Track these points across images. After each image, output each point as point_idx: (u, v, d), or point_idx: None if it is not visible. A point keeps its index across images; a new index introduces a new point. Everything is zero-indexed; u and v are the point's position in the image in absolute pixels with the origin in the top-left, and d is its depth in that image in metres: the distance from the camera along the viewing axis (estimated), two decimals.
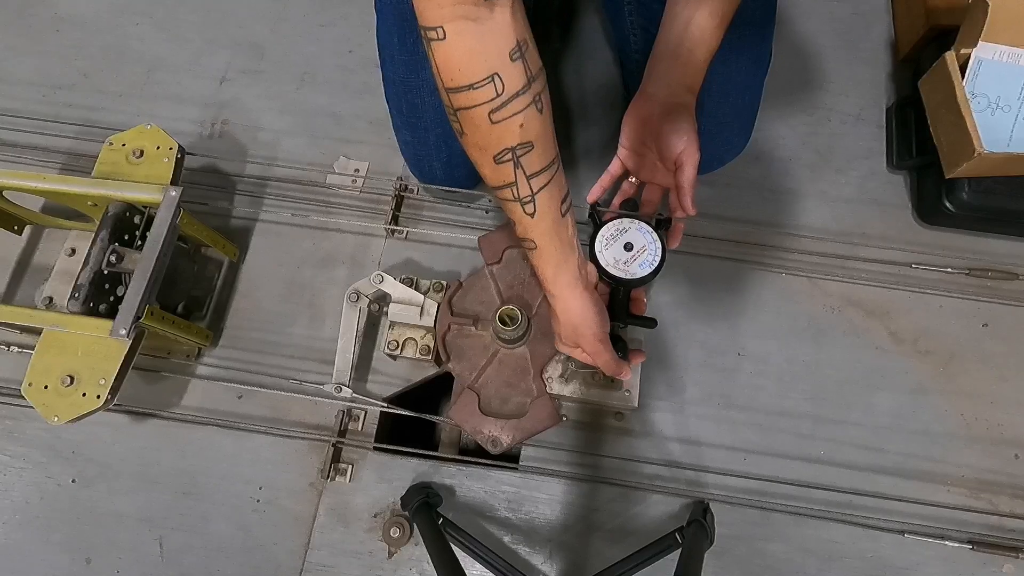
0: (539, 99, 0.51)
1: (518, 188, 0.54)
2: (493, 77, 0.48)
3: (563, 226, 0.58)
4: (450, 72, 0.48)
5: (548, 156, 0.54)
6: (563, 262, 0.59)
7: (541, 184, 0.54)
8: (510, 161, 0.52)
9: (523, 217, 0.56)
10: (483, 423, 0.73)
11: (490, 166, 0.53)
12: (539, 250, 0.58)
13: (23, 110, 1.00)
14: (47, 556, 0.78)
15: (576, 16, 1.06)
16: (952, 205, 0.86)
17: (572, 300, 0.61)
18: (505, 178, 0.53)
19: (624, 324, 0.67)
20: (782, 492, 0.79)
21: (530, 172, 0.53)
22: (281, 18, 1.07)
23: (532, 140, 0.52)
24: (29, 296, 0.88)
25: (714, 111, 0.79)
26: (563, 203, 0.57)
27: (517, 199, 0.54)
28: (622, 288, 0.67)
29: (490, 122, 0.50)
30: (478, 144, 0.52)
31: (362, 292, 0.78)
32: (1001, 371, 0.84)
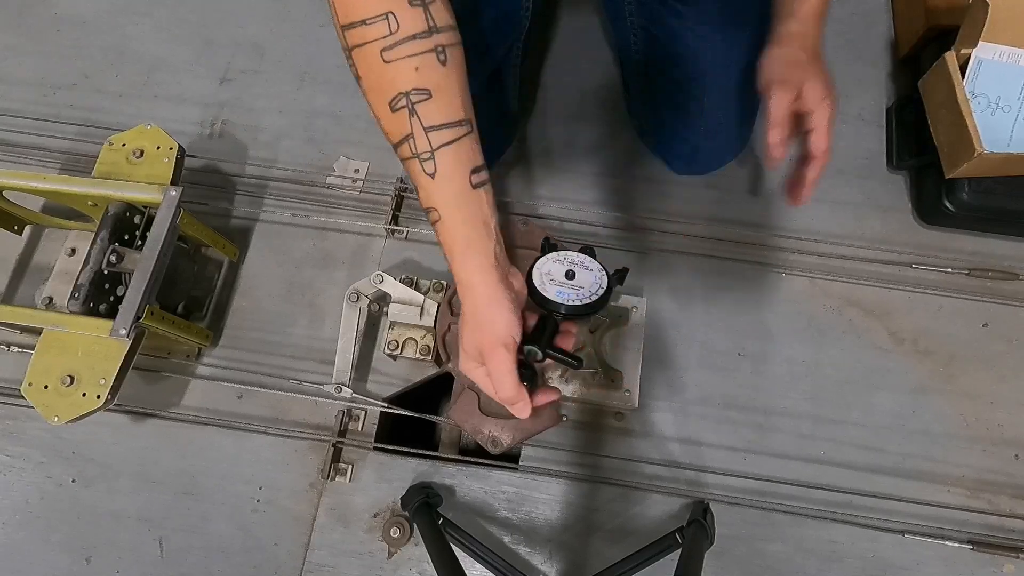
0: (442, 51, 0.49)
1: (415, 141, 0.49)
2: (387, 15, 0.47)
3: (474, 200, 0.51)
4: (344, 7, 0.48)
5: (453, 113, 0.50)
6: (474, 241, 0.51)
7: (443, 140, 0.49)
8: (405, 108, 0.49)
9: (423, 178, 0.50)
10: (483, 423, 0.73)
11: (387, 115, 0.50)
12: (443, 222, 0.51)
13: (23, 110, 1.00)
14: (47, 556, 0.78)
15: (576, 16, 1.06)
16: (952, 205, 0.86)
17: (482, 288, 0.51)
18: (402, 129, 0.49)
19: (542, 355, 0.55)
20: (782, 492, 0.79)
21: (428, 124, 0.49)
22: (281, 18, 1.07)
23: (430, 88, 0.49)
24: (29, 296, 0.88)
25: (714, 111, 0.79)
26: (474, 173, 0.51)
27: (415, 154, 0.50)
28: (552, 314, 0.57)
29: (382, 61, 0.48)
30: (373, 87, 0.50)
31: (362, 292, 0.78)
32: (1001, 371, 0.84)
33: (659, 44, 0.80)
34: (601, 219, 0.91)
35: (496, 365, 0.52)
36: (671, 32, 0.77)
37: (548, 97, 1.01)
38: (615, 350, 0.79)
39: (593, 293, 0.57)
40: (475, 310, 0.52)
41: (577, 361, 0.57)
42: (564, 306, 0.55)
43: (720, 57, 0.75)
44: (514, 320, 0.52)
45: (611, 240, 0.90)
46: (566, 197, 0.93)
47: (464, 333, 0.54)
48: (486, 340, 0.52)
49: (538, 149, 0.97)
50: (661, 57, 0.81)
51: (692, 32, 0.76)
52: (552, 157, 0.96)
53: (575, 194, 0.94)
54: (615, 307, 0.80)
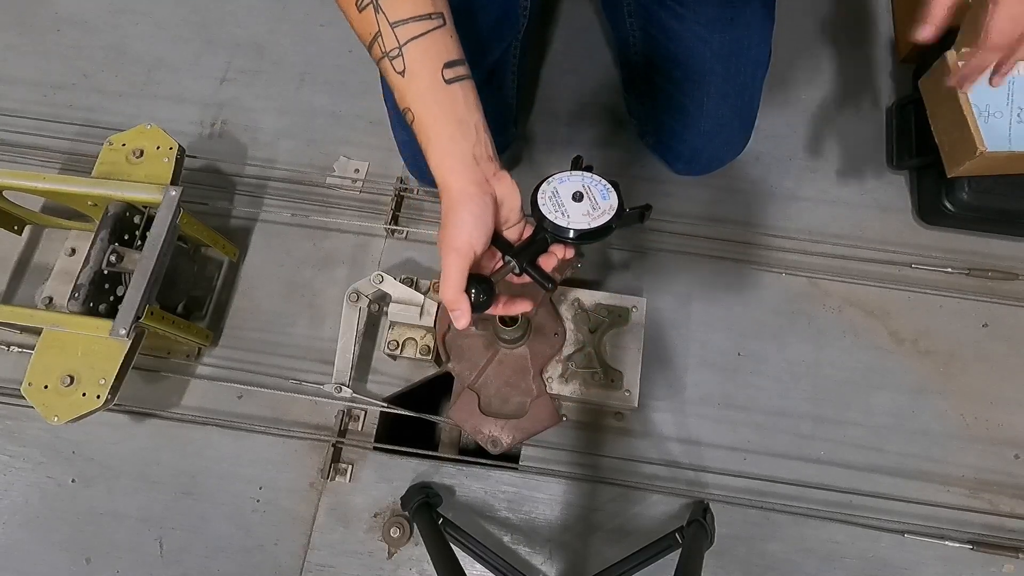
0: None
1: (383, 38, 0.48)
2: None
3: (447, 95, 0.49)
4: None
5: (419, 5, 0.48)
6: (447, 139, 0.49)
7: (410, 35, 0.48)
8: (370, 5, 0.47)
9: (395, 78, 0.48)
10: (483, 423, 0.73)
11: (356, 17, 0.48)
12: (417, 120, 0.49)
13: (23, 110, 1.00)
14: (47, 556, 0.78)
15: (576, 16, 1.06)
16: (952, 205, 0.86)
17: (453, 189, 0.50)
18: (370, 28, 0.48)
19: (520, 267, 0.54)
20: (782, 492, 0.79)
21: (393, 18, 0.47)
22: (281, 18, 1.07)
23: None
24: (29, 296, 0.88)
25: (713, 112, 0.79)
26: (447, 68, 0.49)
27: (384, 53, 0.48)
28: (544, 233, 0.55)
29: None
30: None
31: (362, 292, 0.78)
32: (1001, 371, 0.84)
33: (658, 45, 0.80)
34: None
35: (444, 267, 0.50)
36: (669, 33, 0.78)
37: (548, 97, 1.01)
38: (615, 350, 0.79)
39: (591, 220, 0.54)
40: (445, 212, 0.51)
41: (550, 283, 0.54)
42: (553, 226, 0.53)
43: (719, 58, 0.75)
44: (474, 228, 0.50)
45: (611, 240, 0.89)
46: None
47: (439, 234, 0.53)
48: (444, 240, 0.51)
49: (538, 149, 0.97)
50: (660, 58, 0.81)
51: (691, 33, 0.76)
52: (552, 157, 0.96)
53: None
54: (615, 307, 0.80)
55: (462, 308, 0.51)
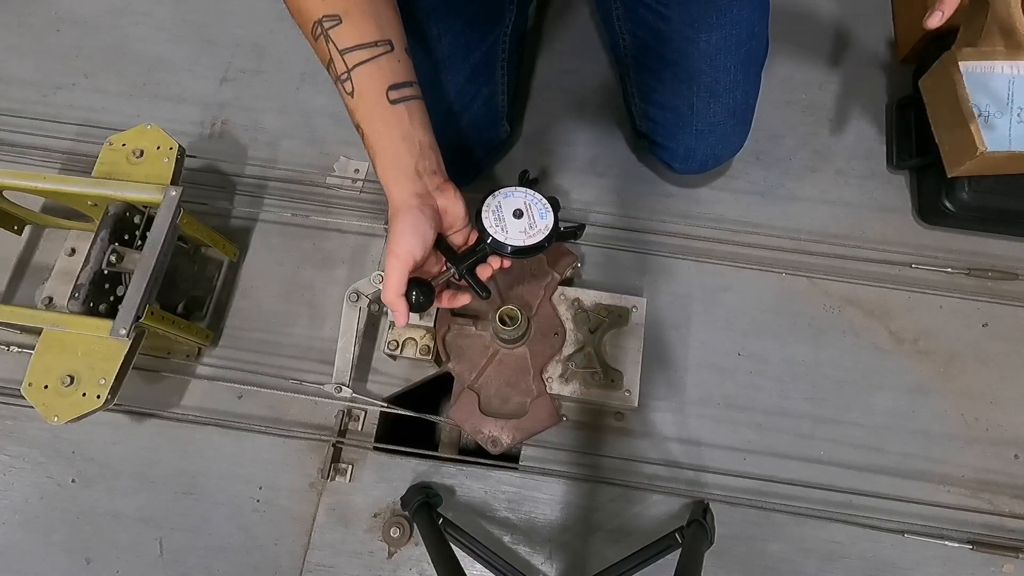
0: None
1: (334, 64, 0.54)
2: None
3: (391, 115, 0.54)
4: None
5: (365, 34, 0.53)
6: (391, 155, 0.55)
7: (357, 60, 0.53)
8: (321, 36, 0.53)
9: (346, 99, 0.54)
10: (483, 423, 0.73)
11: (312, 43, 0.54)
12: (366, 138, 0.55)
13: (23, 110, 1.00)
14: (47, 556, 0.78)
15: (576, 17, 1.06)
16: (952, 205, 0.86)
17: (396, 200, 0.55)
18: (323, 55, 0.54)
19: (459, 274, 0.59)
20: (782, 492, 0.79)
21: (342, 46, 0.53)
22: (281, 18, 1.07)
23: (339, 13, 0.52)
24: (29, 296, 0.88)
25: (704, 111, 0.79)
26: (392, 90, 0.54)
27: (336, 78, 0.54)
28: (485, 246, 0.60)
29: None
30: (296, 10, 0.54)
31: (362, 292, 0.78)
32: (1001, 371, 0.84)
33: (646, 46, 0.80)
34: (601, 219, 0.91)
35: (386, 270, 0.56)
36: (657, 34, 0.78)
37: (548, 97, 1.01)
38: (615, 350, 0.79)
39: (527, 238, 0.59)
40: (389, 218, 0.56)
41: (485, 292, 0.60)
42: (492, 241, 0.59)
43: (706, 58, 0.75)
44: (412, 236, 0.55)
45: (611, 240, 0.90)
46: (566, 197, 0.93)
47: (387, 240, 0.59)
48: (388, 246, 0.56)
49: (538, 149, 0.97)
50: (649, 59, 0.81)
51: (677, 34, 0.76)
52: (552, 157, 0.96)
53: (575, 194, 0.94)
54: (615, 307, 0.80)
55: (400, 309, 0.56)
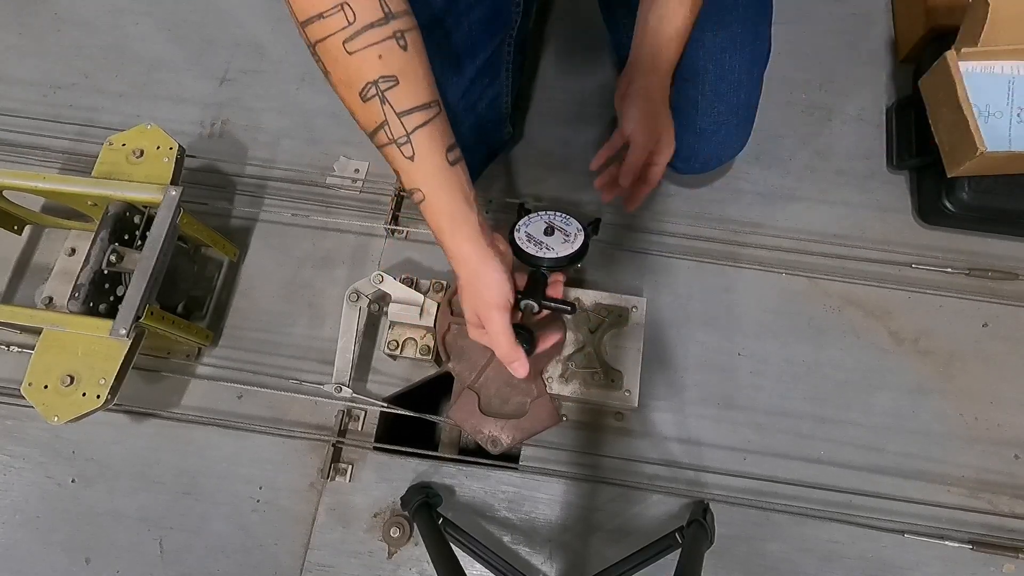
0: (401, 36, 0.50)
1: (390, 127, 0.51)
2: (342, 6, 0.48)
3: (453, 176, 0.54)
4: (300, 3, 0.49)
5: (421, 96, 0.52)
6: (459, 214, 0.54)
7: (416, 123, 0.51)
8: (375, 96, 0.51)
9: (403, 162, 0.52)
10: (483, 423, 0.73)
11: (359, 106, 0.51)
12: (428, 201, 0.54)
13: (23, 110, 1.00)
14: (47, 556, 0.78)
15: (576, 16, 1.06)
16: (952, 205, 0.86)
17: (475, 258, 0.55)
18: (375, 117, 0.51)
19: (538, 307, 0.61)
20: (782, 492, 0.79)
21: (400, 109, 0.51)
22: (281, 18, 1.07)
23: (395, 74, 0.50)
24: (29, 296, 0.88)
25: (708, 110, 0.79)
26: (449, 151, 0.54)
27: (392, 140, 0.52)
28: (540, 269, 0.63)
29: (346, 52, 0.49)
30: (342, 80, 0.51)
31: (362, 292, 0.78)
32: (1001, 371, 0.84)
33: None
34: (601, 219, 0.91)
35: (492, 327, 0.56)
36: None
37: (548, 97, 1.01)
38: (615, 350, 0.79)
39: (570, 246, 0.63)
40: (469, 279, 0.56)
41: (571, 307, 0.62)
42: (548, 259, 0.61)
43: (712, 58, 0.75)
44: (505, 283, 0.56)
45: (611, 240, 0.90)
46: (566, 197, 0.93)
47: (463, 302, 0.59)
48: (481, 305, 0.56)
49: (538, 149, 0.97)
50: None
51: None
52: (552, 157, 0.96)
53: (575, 194, 0.94)
54: (615, 307, 0.80)
55: (520, 358, 0.58)
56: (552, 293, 0.63)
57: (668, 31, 0.69)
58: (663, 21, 0.69)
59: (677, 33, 0.69)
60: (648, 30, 0.70)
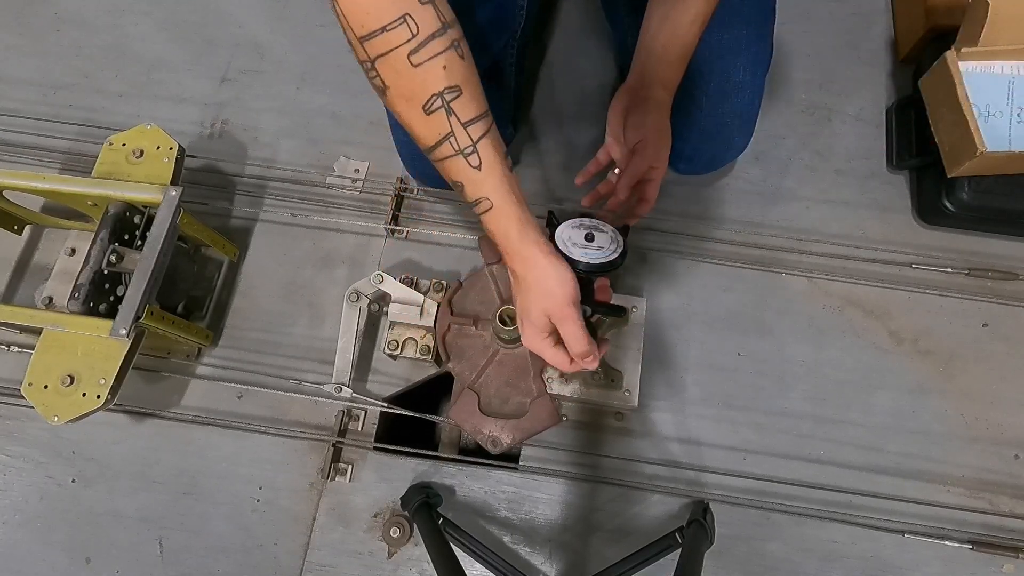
0: (458, 45, 0.50)
1: (456, 138, 0.51)
2: (405, 17, 0.47)
3: (514, 181, 0.54)
4: (359, 17, 0.47)
5: (480, 105, 0.52)
6: (525, 219, 0.55)
7: (480, 132, 0.51)
8: (441, 108, 0.50)
9: (470, 172, 0.52)
10: (483, 423, 0.73)
11: (421, 120, 0.50)
12: (496, 208, 0.54)
13: (23, 110, 1.00)
14: (47, 556, 0.78)
15: (576, 16, 1.06)
16: (952, 205, 0.86)
17: (544, 259, 0.55)
18: (440, 129, 0.51)
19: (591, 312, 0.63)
20: (782, 492, 0.79)
21: (465, 119, 0.50)
22: (281, 18, 1.07)
23: (459, 84, 0.50)
24: (29, 296, 0.88)
25: (713, 111, 0.79)
26: (507, 158, 0.54)
27: (458, 151, 0.51)
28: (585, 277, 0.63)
29: (411, 65, 0.48)
30: (404, 95, 0.50)
31: (362, 292, 0.78)
32: (1001, 371, 0.84)
33: None
34: None
35: (569, 324, 0.56)
36: None
37: (548, 97, 1.01)
38: (615, 350, 0.79)
39: (614, 249, 0.62)
40: (539, 280, 0.56)
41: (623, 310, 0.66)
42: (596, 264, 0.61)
43: (716, 57, 0.75)
44: (572, 280, 0.56)
45: None
46: (566, 197, 0.93)
47: (530, 304, 0.58)
48: (556, 304, 0.56)
49: (538, 149, 0.97)
50: None
51: None
52: (552, 157, 0.96)
53: (575, 194, 0.94)
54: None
55: (596, 352, 0.58)
56: (601, 298, 0.64)
57: (678, 50, 0.69)
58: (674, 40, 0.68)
59: (687, 51, 0.69)
60: (657, 47, 0.69)
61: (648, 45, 0.71)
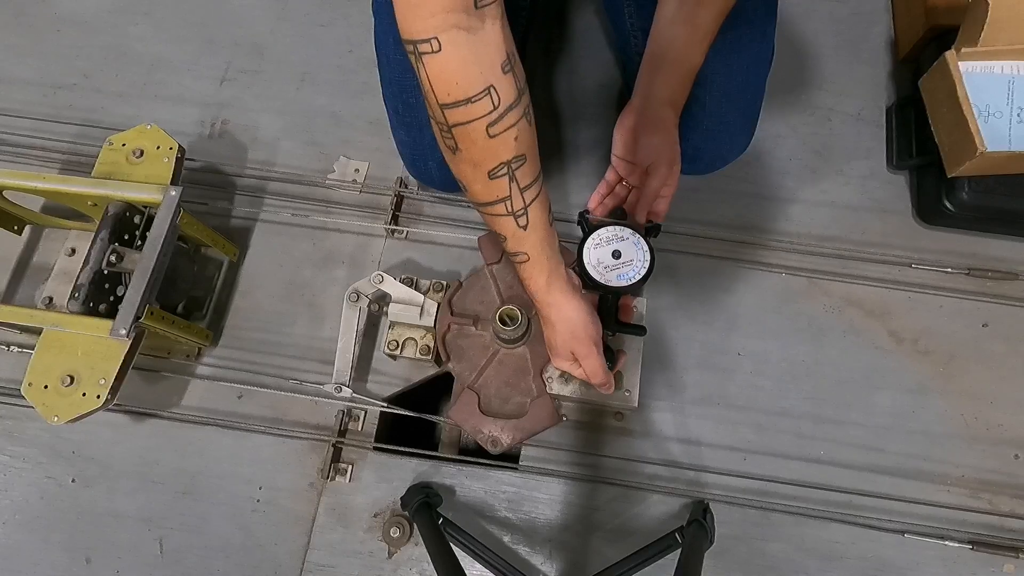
0: (528, 112, 0.51)
1: (512, 202, 0.53)
2: (489, 90, 0.47)
3: (553, 236, 0.59)
4: (446, 86, 0.47)
5: (537, 168, 0.54)
6: (555, 270, 0.60)
7: (533, 196, 0.54)
8: (505, 175, 0.52)
9: (516, 231, 0.56)
10: (483, 423, 0.73)
11: (483, 182, 0.52)
12: (532, 261, 0.59)
13: (23, 110, 1.00)
14: (47, 556, 0.78)
15: (576, 16, 1.06)
16: (952, 205, 0.86)
17: (568, 305, 0.62)
18: (499, 193, 0.53)
19: (613, 332, 0.67)
20: (782, 492, 0.79)
21: (523, 184, 0.53)
22: (281, 18, 1.07)
23: (525, 152, 0.52)
24: (29, 296, 0.88)
25: (715, 110, 0.79)
26: (550, 213, 0.58)
27: (510, 213, 0.54)
28: (610, 296, 0.67)
29: (487, 136, 0.49)
30: (473, 160, 0.51)
31: (362, 292, 0.78)
32: (1001, 371, 0.84)
33: None
34: None
35: (590, 360, 0.63)
36: None
37: (548, 98, 1.01)
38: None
39: (642, 260, 0.66)
40: (564, 322, 0.62)
41: (642, 330, 0.70)
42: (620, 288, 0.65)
43: (721, 57, 0.75)
44: (596, 318, 0.63)
45: None
46: (566, 197, 0.93)
47: (557, 341, 0.64)
48: (580, 343, 0.63)
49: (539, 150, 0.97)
50: None
51: None
52: (552, 157, 0.96)
53: (575, 194, 0.94)
54: None
55: (611, 380, 0.67)
56: (623, 317, 0.69)
57: (685, 70, 0.70)
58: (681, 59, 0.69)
59: (695, 68, 0.70)
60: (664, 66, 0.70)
61: (654, 64, 0.71)
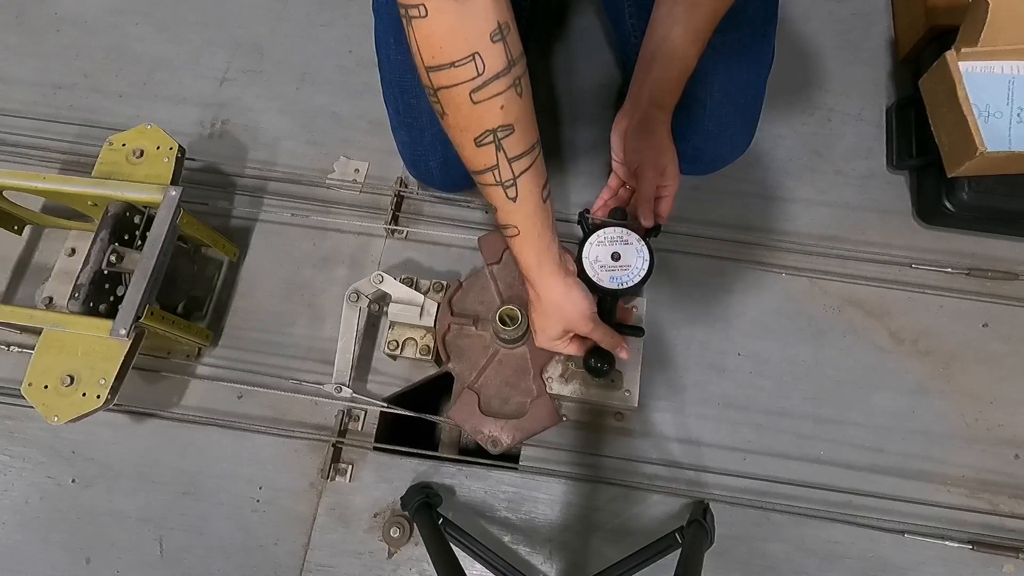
0: (519, 83, 0.51)
1: (499, 171, 0.54)
2: (474, 56, 0.48)
3: (545, 212, 0.58)
4: (431, 49, 0.48)
5: (529, 140, 0.54)
6: (545, 249, 0.60)
7: (523, 168, 0.54)
8: (491, 143, 0.52)
9: (505, 202, 0.56)
10: (483, 423, 0.73)
11: (471, 148, 0.53)
12: (521, 236, 0.58)
13: (23, 110, 1.00)
14: (47, 556, 0.78)
15: (576, 16, 1.06)
16: (952, 205, 0.86)
17: (555, 286, 0.62)
18: (486, 161, 0.53)
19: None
20: (782, 492, 0.79)
21: (511, 155, 0.53)
22: (281, 18, 1.07)
23: (513, 123, 0.52)
24: (29, 296, 0.88)
25: (716, 111, 0.79)
26: (544, 189, 0.57)
27: (499, 182, 0.54)
28: (609, 297, 0.67)
29: (471, 102, 0.50)
30: (459, 125, 0.52)
31: (362, 292, 0.78)
32: (1001, 371, 0.84)
33: None
34: None
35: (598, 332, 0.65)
36: None
37: (548, 97, 1.01)
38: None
39: (640, 266, 0.66)
40: (555, 302, 0.63)
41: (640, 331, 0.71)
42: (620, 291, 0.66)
43: (721, 57, 0.75)
44: (588, 295, 0.64)
45: None
46: (566, 197, 0.93)
47: (548, 324, 0.66)
48: (574, 319, 0.64)
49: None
50: None
51: None
52: (552, 157, 0.96)
53: (575, 194, 0.94)
54: None
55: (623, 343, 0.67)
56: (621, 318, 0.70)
57: (676, 72, 0.70)
58: (672, 60, 0.69)
59: (687, 70, 0.70)
60: (656, 67, 0.70)
61: (647, 65, 0.71)
